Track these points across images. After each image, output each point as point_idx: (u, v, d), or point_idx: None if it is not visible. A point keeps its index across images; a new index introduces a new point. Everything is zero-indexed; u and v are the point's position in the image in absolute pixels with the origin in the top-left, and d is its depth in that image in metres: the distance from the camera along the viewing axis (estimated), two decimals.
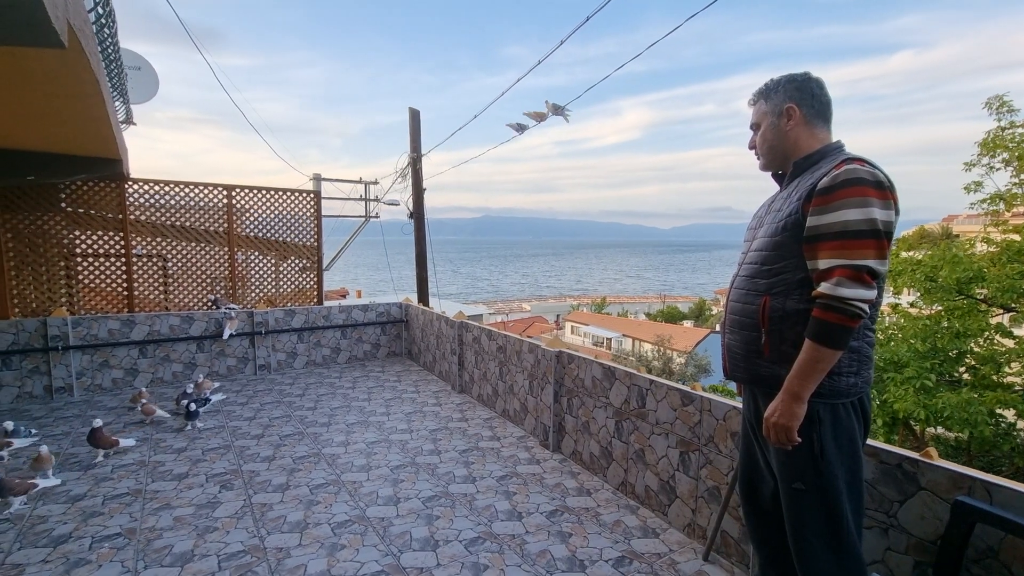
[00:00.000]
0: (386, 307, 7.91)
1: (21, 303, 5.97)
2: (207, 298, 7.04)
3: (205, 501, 3.52)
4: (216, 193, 6.94)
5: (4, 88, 2.72)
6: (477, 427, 4.99)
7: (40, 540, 3.04)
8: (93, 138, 4.00)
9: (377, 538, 3.11)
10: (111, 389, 6.04)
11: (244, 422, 5.07)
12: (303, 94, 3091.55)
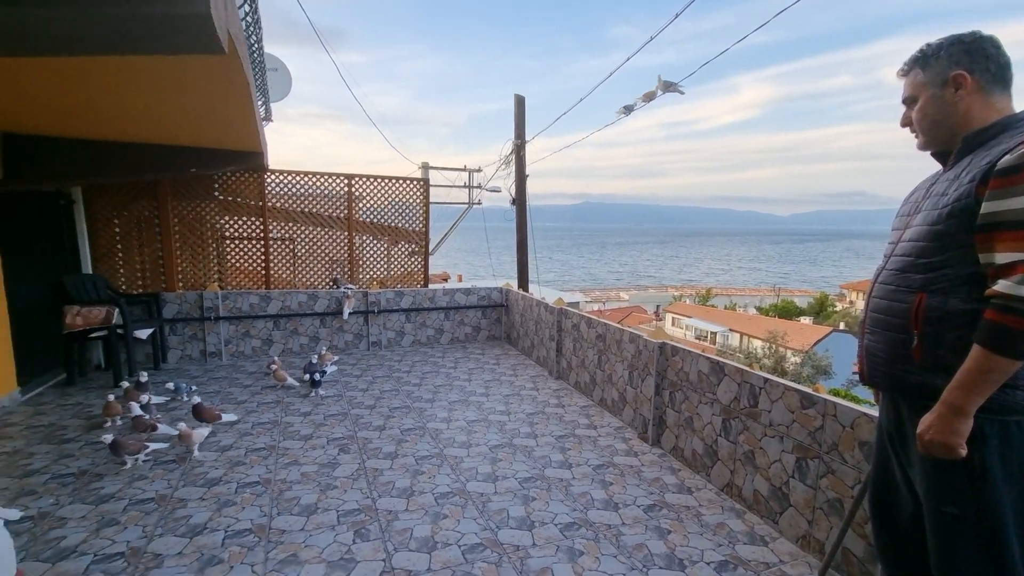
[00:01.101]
0: (487, 291, 8.14)
1: (184, 278, 6.97)
2: (329, 278, 7.72)
3: (326, 461, 3.90)
4: (338, 182, 7.55)
5: (175, 92, 3.16)
6: (574, 414, 4.99)
7: (199, 480, 3.56)
8: (241, 134, 4.54)
9: (476, 512, 3.24)
10: (251, 356, 6.88)
11: (359, 393, 5.52)
12: (413, 86, 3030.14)
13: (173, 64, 2.46)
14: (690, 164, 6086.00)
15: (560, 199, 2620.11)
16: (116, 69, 2.68)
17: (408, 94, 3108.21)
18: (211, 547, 2.83)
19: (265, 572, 2.63)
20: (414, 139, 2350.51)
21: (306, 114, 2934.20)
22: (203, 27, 1.56)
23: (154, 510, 3.18)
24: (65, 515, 3.11)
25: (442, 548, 2.87)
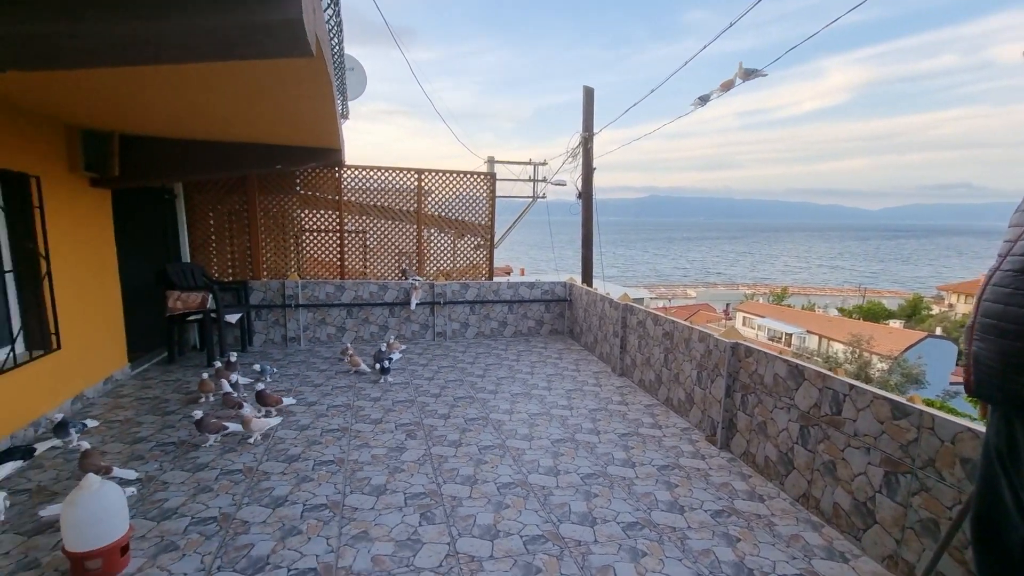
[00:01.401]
0: (551, 286, 8.13)
1: (268, 268, 7.49)
2: (398, 269, 8.01)
3: (395, 445, 4.07)
4: (409, 176, 7.80)
5: (266, 94, 3.38)
6: (637, 412, 4.89)
7: (280, 456, 3.83)
8: (323, 132, 4.80)
9: (538, 504, 3.26)
10: (326, 342, 7.28)
11: (425, 381, 5.70)
12: (480, 81, 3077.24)
13: (266, 68, 2.64)
14: (767, 155, 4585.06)
15: (625, 192, 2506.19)
16: (216, 74, 2.91)
17: (475, 89, 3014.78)
18: (291, 518, 3.04)
19: (339, 546, 2.79)
20: (480, 133, 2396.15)
21: (377, 111, 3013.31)
22: (295, 31, 1.67)
23: (242, 480, 3.46)
24: (167, 480, 3.44)
25: (504, 537, 2.91)
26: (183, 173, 5.69)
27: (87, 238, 4.93)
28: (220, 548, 2.75)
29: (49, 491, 3.27)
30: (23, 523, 2.93)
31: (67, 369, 4.53)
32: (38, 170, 4.20)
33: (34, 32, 1.67)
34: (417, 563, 2.67)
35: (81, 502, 2.44)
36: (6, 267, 4.05)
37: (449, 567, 2.65)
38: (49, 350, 4.30)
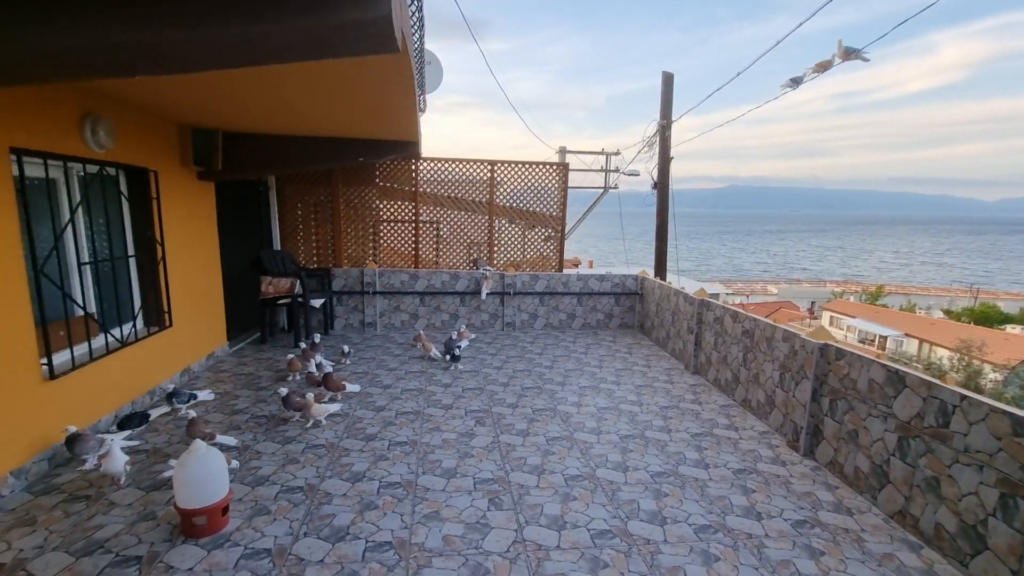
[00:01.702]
0: (621, 279, 7.96)
1: (348, 256, 7.90)
2: (469, 259, 8.17)
3: (464, 431, 4.18)
4: (481, 168, 7.90)
5: (353, 90, 3.54)
6: (712, 412, 4.70)
7: (359, 435, 4.05)
8: (404, 125, 4.97)
9: (605, 499, 3.23)
10: (400, 328, 7.59)
11: (493, 370, 5.79)
12: (552, 70, 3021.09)
13: (354, 65, 2.76)
14: (864, 141, 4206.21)
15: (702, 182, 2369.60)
16: (308, 73, 3.09)
17: (547, 79, 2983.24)
18: (369, 493, 3.21)
19: (412, 523, 2.92)
20: (551, 123, 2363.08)
21: (451, 103, 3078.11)
22: (384, 28, 1.73)
23: (325, 455, 3.69)
24: (260, 450, 3.75)
25: (571, 529, 2.92)
26: (276, 167, 6.11)
27: (195, 227, 5.43)
28: (306, 515, 2.96)
29: (163, 453, 3.66)
30: (142, 479, 3.30)
31: (177, 345, 5.04)
32: (156, 165, 4.68)
33: (157, 39, 1.85)
34: (485, 546, 2.74)
35: (190, 465, 2.71)
36: (129, 252, 4.55)
37: (516, 553, 2.69)
38: (163, 327, 4.80)
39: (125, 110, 4.22)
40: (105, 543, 2.68)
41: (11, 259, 3.16)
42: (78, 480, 3.26)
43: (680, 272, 22.71)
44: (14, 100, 3.15)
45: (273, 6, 1.80)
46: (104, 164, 4.07)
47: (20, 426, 3.19)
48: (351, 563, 2.58)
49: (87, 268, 4.00)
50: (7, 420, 3.11)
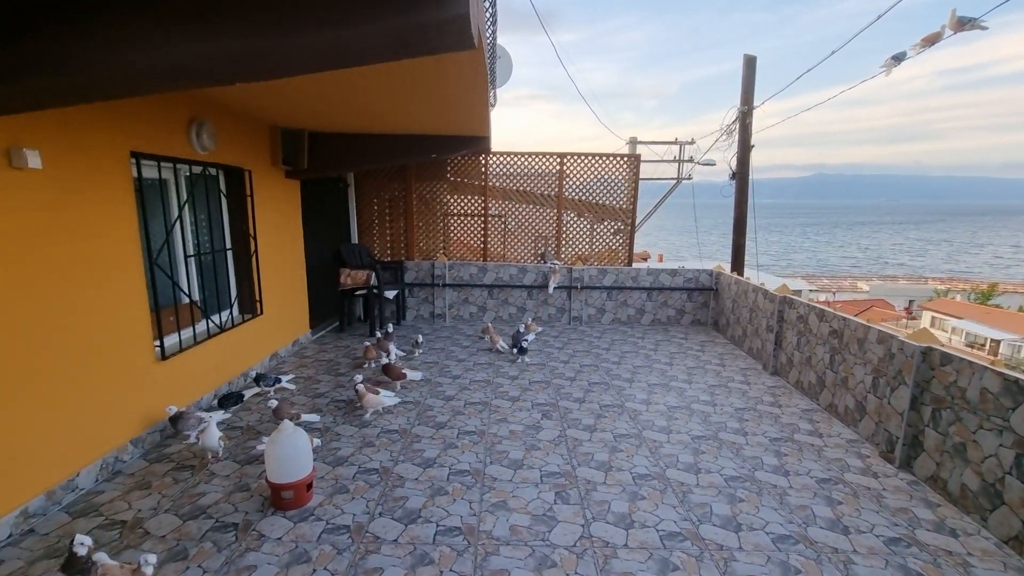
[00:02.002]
0: (695, 273, 7.66)
1: (420, 249, 8.16)
2: (536, 253, 8.18)
3: (531, 423, 4.21)
4: (550, 161, 7.87)
5: (429, 87, 3.64)
6: (793, 416, 4.43)
7: (429, 422, 4.20)
8: (476, 121, 5.06)
9: (676, 500, 3.14)
10: (468, 320, 7.75)
11: (560, 364, 5.78)
12: (622, 58, 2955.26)
13: (431, 63, 2.84)
14: (976, 122, 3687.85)
15: (785, 171, 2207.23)
16: (387, 72, 3.21)
17: (616, 68, 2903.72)
18: (439, 479, 3.32)
19: (480, 511, 2.99)
20: (620, 113, 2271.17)
21: (519, 96, 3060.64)
22: (462, 26, 1.76)
23: (398, 440, 3.86)
24: (340, 432, 3.98)
25: (639, 528, 2.86)
26: (356, 164, 6.41)
27: (283, 222, 5.83)
28: (381, 496, 3.11)
29: (255, 430, 3.98)
30: (238, 454, 3.61)
31: (267, 331, 5.45)
32: (250, 164, 5.06)
33: (253, 48, 1.99)
34: (552, 539, 2.75)
35: (279, 443, 2.93)
36: (227, 245, 4.97)
37: (583, 548, 2.69)
38: (255, 315, 5.20)
39: (224, 114, 4.59)
40: (207, 509, 2.96)
41: (132, 252, 3.54)
42: (184, 451, 3.63)
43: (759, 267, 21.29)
44: (133, 109, 3.52)
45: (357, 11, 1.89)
46: (207, 165, 4.45)
47: (138, 401, 3.59)
48: (423, 544, 2.69)
49: (192, 260, 4.41)
50: (128, 395, 3.50)
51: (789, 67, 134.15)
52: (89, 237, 3.18)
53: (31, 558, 2.54)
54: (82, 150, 3.13)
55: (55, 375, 2.94)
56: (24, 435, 2.76)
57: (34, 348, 2.81)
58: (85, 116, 3.13)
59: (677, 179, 12.39)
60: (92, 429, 3.20)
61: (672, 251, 51.23)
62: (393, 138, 6.02)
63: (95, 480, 3.21)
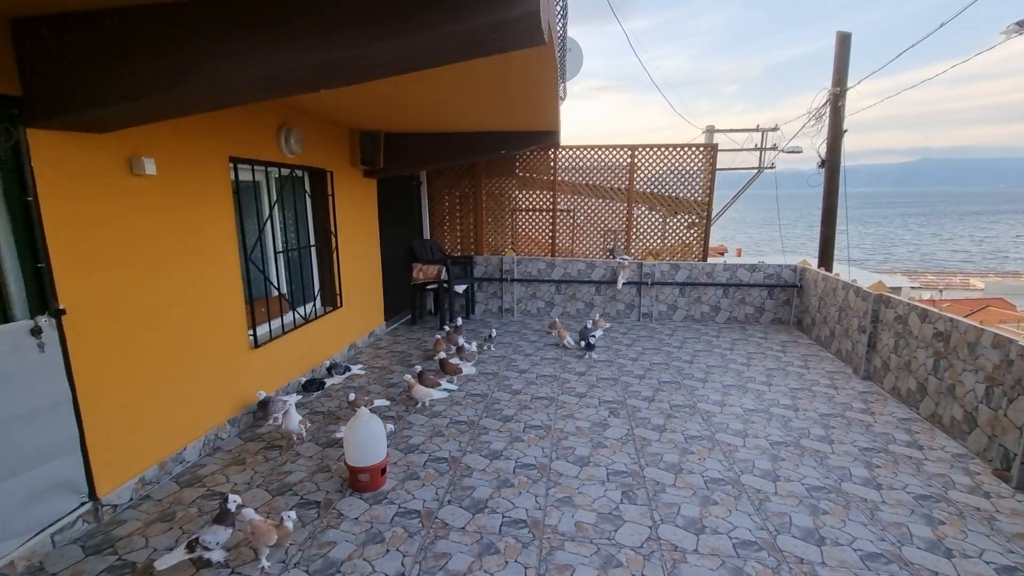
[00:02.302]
0: (776, 269, 7.21)
1: (489, 245, 8.29)
2: (605, 248, 8.05)
3: (598, 420, 4.16)
4: (621, 154, 7.70)
5: (499, 83, 3.69)
6: (887, 426, 4.07)
7: (497, 415, 4.27)
8: (545, 115, 5.06)
9: (751, 507, 2.99)
10: (536, 315, 7.78)
11: (628, 362, 5.67)
12: (699, 43, 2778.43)
13: (501, 59, 2.87)
14: None
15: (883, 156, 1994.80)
16: (460, 72, 3.29)
17: (692, 54, 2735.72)
18: (505, 471, 3.38)
19: (545, 505, 3.01)
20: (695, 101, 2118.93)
21: (589, 88, 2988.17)
22: (532, 23, 1.78)
23: (466, 431, 3.96)
24: (411, 421, 4.15)
25: (710, 534, 2.76)
26: (429, 162, 6.61)
27: (361, 220, 6.14)
28: (450, 485, 3.21)
29: (335, 416, 4.24)
30: (319, 437, 3.87)
31: (346, 323, 5.77)
32: (332, 166, 5.36)
33: (337, 58, 2.11)
34: (618, 538, 2.72)
35: (356, 429, 3.10)
36: (311, 242, 5.31)
37: (650, 550, 2.63)
38: (335, 307, 5.52)
39: (310, 120, 4.89)
40: (293, 486, 3.20)
41: (231, 249, 3.88)
42: (273, 432, 3.94)
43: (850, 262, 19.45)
44: (231, 119, 3.84)
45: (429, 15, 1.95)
46: (294, 167, 4.78)
47: (234, 385, 3.94)
48: (489, 534, 2.75)
49: (280, 256, 4.76)
50: (226, 379, 3.85)
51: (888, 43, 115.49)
52: (195, 235, 3.52)
53: (147, 520, 2.88)
54: (188, 157, 3.46)
55: (168, 358, 3.30)
56: (141, 412, 3.12)
57: (151, 333, 3.16)
58: (191, 127, 3.46)
59: (758, 168, 11.69)
60: (197, 409, 3.55)
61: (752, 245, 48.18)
62: (463, 136, 6.15)
63: (199, 454, 3.57)
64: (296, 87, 2.64)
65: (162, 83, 2.27)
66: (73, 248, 2.68)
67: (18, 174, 2.46)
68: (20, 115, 2.42)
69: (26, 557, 2.50)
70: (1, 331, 2.41)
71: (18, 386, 2.46)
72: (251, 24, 2.14)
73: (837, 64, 7.48)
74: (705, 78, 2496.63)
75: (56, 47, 2.36)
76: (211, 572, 2.47)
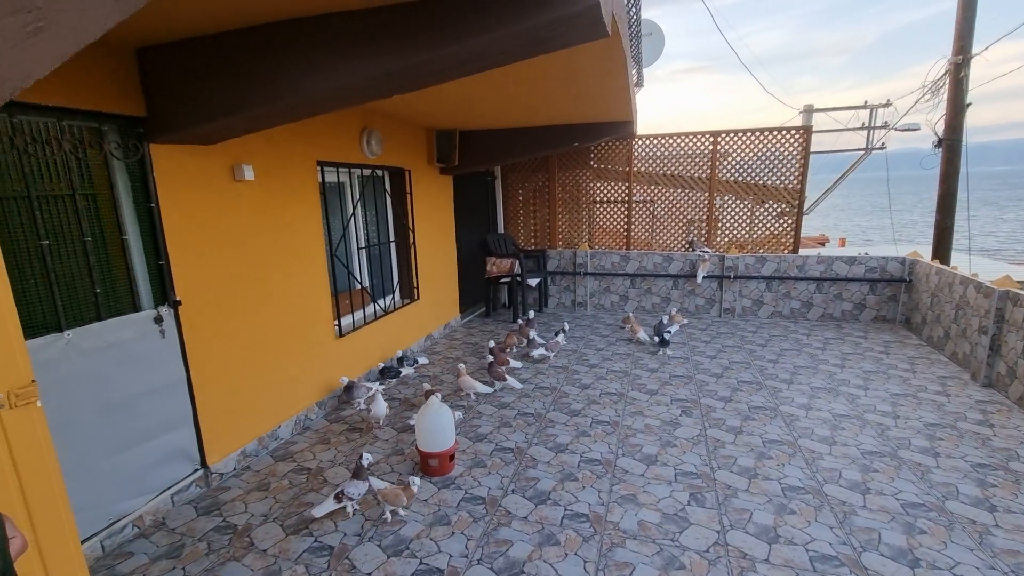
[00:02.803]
0: (880, 261, 6.54)
1: (562, 238, 8.27)
2: (684, 240, 7.73)
3: (669, 419, 4.05)
4: (702, 140, 7.34)
5: (566, 78, 3.68)
6: (1009, 440, 3.58)
7: (564, 408, 4.29)
8: (617, 106, 4.96)
9: (834, 520, 2.78)
10: (609, 309, 7.66)
11: (706, 359, 5.43)
12: (800, 14, 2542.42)
13: (567, 54, 2.87)
14: None
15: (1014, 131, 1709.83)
16: (526, 69, 3.32)
17: (792, 26, 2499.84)
18: (570, 465, 3.40)
19: (609, 501, 2.99)
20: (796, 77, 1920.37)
21: (674, 71, 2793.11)
22: (594, 17, 1.77)
23: (533, 423, 4.02)
24: (481, 411, 4.28)
25: (785, 544, 2.61)
26: (502, 158, 6.72)
27: (437, 216, 6.38)
28: (514, 474, 3.29)
29: (410, 403, 4.48)
30: (396, 422, 4.11)
31: (422, 315, 6.04)
32: (410, 165, 5.62)
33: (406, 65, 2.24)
34: (683, 540, 2.65)
35: (427, 416, 3.27)
36: (391, 238, 5.61)
37: (716, 555, 2.54)
38: (413, 300, 5.80)
39: (389, 122, 5.16)
40: (371, 467, 3.43)
41: (318, 245, 4.22)
42: (354, 416, 4.24)
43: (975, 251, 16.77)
44: (318, 126, 4.15)
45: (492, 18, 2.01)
46: (375, 168, 5.07)
47: (321, 370, 4.29)
48: (550, 525, 2.79)
49: (362, 251, 5.08)
50: (315, 365, 4.20)
51: None
52: (287, 233, 3.87)
53: (247, 488, 3.23)
54: (281, 163, 3.80)
55: (265, 345, 3.66)
56: (242, 393, 3.49)
57: (251, 323, 3.53)
58: (283, 136, 3.79)
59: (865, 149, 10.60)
60: (289, 392, 3.92)
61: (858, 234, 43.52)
62: (535, 130, 6.18)
63: (291, 433, 3.93)
64: (371, 95, 2.81)
65: (259, 98, 2.53)
66: (186, 247, 3.06)
67: (143, 184, 2.84)
68: (145, 132, 2.80)
69: (151, 513, 2.91)
70: (133, 319, 2.81)
71: (145, 366, 2.86)
72: (329, 42, 2.32)
73: (959, 29, 6.59)
74: (806, 52, 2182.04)
75: (171, 71, 2.69)
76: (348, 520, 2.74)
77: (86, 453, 2.59)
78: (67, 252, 2.56)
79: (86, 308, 2.64)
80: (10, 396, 1.26)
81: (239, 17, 2.34)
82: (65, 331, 2.50)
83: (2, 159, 2.30)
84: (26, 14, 1.06)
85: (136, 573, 2.54)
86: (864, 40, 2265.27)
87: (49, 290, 2.47)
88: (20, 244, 2.37)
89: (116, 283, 2.80)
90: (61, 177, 2.52)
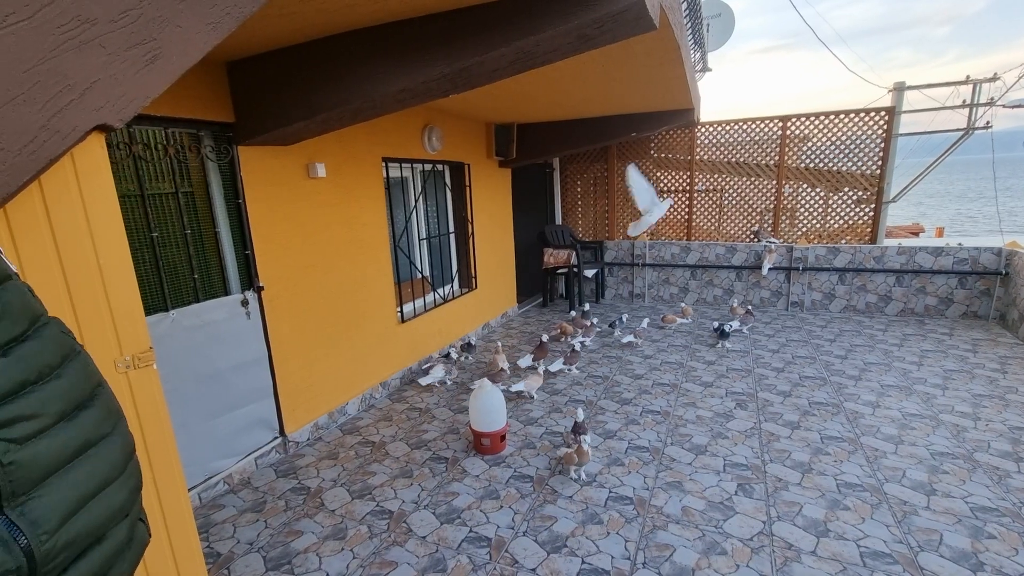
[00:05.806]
0: (972, 252, 6.02)
1: (621, 229, 8.21)
2: (750, 231, 7.45)
3: (722, 411, 4.01)
4: (771, 126, 7.03)
5: (620, 70, 3.72)
6: None
7: (615, 397, 4.35)
8: (675, 95, 4.91)
9: (891, 518, 2.69)
10: (668, 301, 7.55)
11: (767, 353, 5.27)
12: None
13: (617, 48, 2.93)
14: None
15: None
16: (579, 63, 3.39)
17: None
18: (617, 451, 3.48)
19: (654, 487, 3.05)
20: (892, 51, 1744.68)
21: (749, 52, 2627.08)
22: (638, 12, 1.85)
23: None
24: (533, 395, 4.43)
25: (835, 539, 2.57)
26: (559, 149, 6.79)
27: (495, 207, 6.57)
28: (562, 458, 3.42)
29: (466, 386, 4.71)
30: (452, 403, 4.35)
31: (480, 304, 6.27)
32: (469, 159, 5.83)
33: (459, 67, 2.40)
34: (727, 528, 2.67)
35: (479, 398, 3.46)
36: (450, 229, 5.86)
37: (760, 544, 2.55)
38: (471, 289, 6.04)
39: (448, 118, 5.38)
40: (428, 443, 3.69)
41: (383, 237, 4.52)
42: (415, 396, 4.52)
43: None
44: (383, 124, 4.43)
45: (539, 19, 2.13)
46: (435, 162, 5.32)
47: (386, 353, 4.60)
48: (595, 505, 2.90)
49: (424, 243, 5.36)
50: (381, 348, 4.52)
51: None
52: (356, 226, 4.18)
53: (319, 456, 3.58)
54: (350, 161, 4.10)
55: (335, 328, 4.00)
56: (315, 370, 3.85)
57: (323, 308, 3.88)
58: (351, 135, 4.09)
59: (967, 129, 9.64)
60: (356, 371, 4.25)
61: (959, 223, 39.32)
62: (593, 121, 6.20)
63: (358, 410, 4.27)
64: (428, 96, 3.00)
65: (326, 103, 2.80)
66: (268, 238, 3.41)
67: (232, 182, 3.20)
68: (233, 137, 3.15)
69: (239, 472, 3.31)
70: (223, 302, 3.19)
71: (234, 344, 3.24)
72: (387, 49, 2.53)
73: None
74: (903, 22, 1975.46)
75: (253, 80, 3.02)
76: None
77: (187, 417, 2.99)
78: (171, 243, 2.96)
79: (186, 291, 3.04)
80: (134, 359, 1.54)
81: (307, 31, 2.60)
82: (171, 311, 2.90)
83: (122, 163, 2.70)
84: (144, 45, 1.31)
85: (227, 522, 2.92)
86: (973, 6, 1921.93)
87: (158, 275, 2.87)
88: (135, 236, 2.77)
89: (210, 270, 3.19)
90: (166, 177, 2.91)
